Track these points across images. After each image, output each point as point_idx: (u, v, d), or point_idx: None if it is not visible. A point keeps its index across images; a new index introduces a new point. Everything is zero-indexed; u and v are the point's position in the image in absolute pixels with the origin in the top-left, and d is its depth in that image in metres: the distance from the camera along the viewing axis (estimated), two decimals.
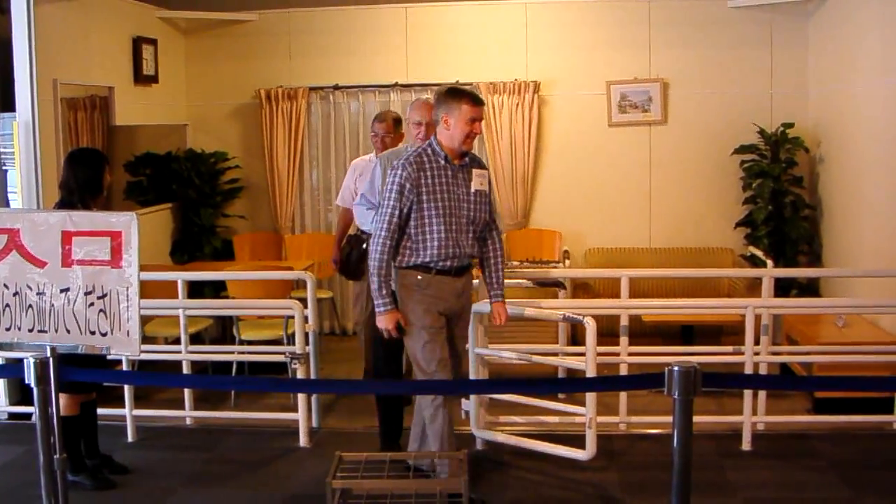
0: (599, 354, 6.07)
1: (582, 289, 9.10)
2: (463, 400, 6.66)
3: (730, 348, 6.91)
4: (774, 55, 9.63)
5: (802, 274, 8.94)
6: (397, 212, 5.37)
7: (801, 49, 9.57)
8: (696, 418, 6.43)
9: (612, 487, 5.84)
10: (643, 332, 8.11)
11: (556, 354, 7.00)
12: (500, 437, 6.26)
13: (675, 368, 3.69)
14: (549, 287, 7.86)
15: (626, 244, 9.63)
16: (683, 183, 9.68)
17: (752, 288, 8.55)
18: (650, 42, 9.71)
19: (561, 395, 6.64)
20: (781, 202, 9.20)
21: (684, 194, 9.68)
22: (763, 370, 6.59)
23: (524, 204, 9.81)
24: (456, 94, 5.45)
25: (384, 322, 5.42)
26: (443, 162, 5.43)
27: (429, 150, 5.45)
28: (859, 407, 6.73)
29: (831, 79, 9.01)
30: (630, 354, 6.70)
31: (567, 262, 9.24)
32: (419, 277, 5.48)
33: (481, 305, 6.22)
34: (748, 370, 6.37)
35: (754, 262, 8.83)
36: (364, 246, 6.53)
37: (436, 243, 5.41)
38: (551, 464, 5.98)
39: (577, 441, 6.09)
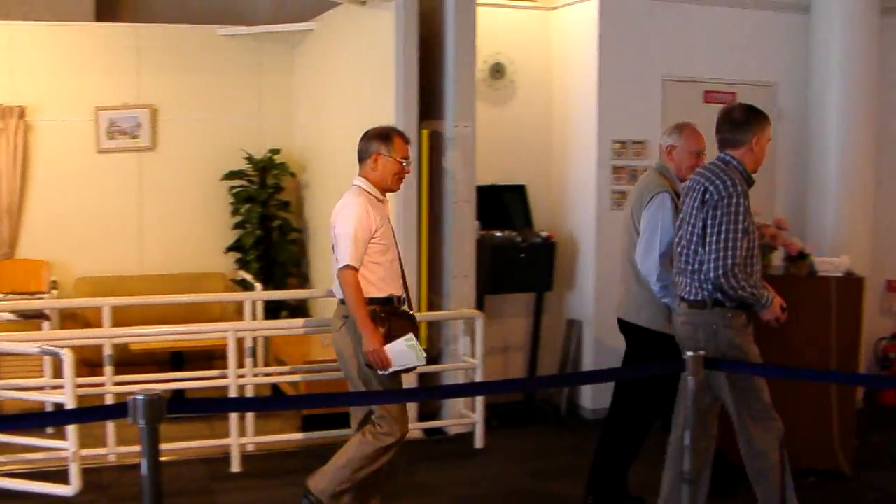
0: (84, 386, 5.93)
1: (71, 319, 8.79)
2: None
3: (217, 372, 6.97)
4: (263, 83, 9.86)
5: (288, 296, 9.19)
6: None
7: (288, 77, 9.89)
8: (186, 444, 6.54)
9: None
10: (135, 361, 7.96)
11: (42, 388, 6.73)
12: None
13: (139, 397, 3.66)
14: (33, 319, 7.56)
15: (118, 272, 9.37)
16: (175, 209, 9.63)
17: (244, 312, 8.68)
18: (139, 68, 9.57)
19: (50, 430, 6.46)
20: (270, 226, 9.45)
21: (176, 220, 9.62)
22: (250, 392, 6.73)
23: (10, 234, 9.24)
24: (761, 115, 5.13)
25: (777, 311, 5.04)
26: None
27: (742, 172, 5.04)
28: (348, 421, 7.01)
29: (313, 106, 9.42)
30: (117, 384, 6.57)
31: (55, 292, 8.88)
32: (744, 317, 5.07)
33: None
34: (233, 393, 6.48)
35: (245, 285, 8.96)
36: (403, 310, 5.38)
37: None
38: (37, 503, 5.75)
39: (64, 476, 5.92)
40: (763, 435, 5.08)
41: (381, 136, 5.29)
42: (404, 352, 5.12)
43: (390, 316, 5.19)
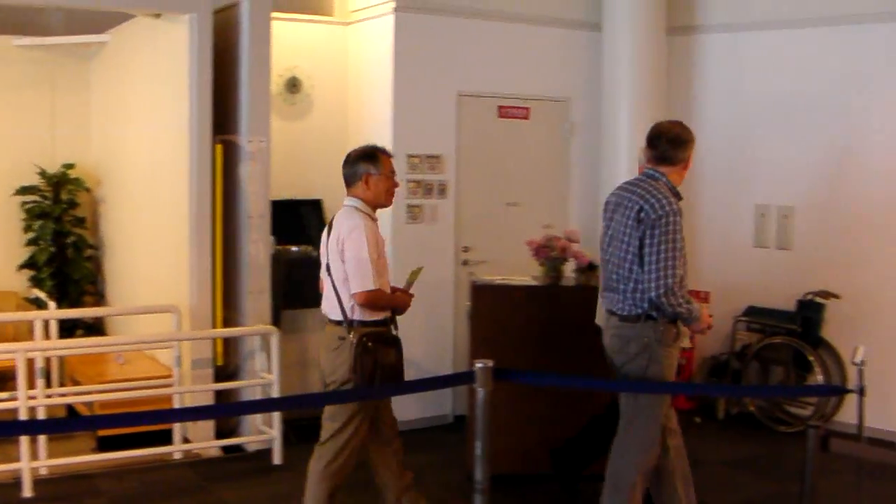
0: None
1: None
2: None
3: (6, 395, 6.75)
4: (57, 95, 9.62)
5: (83, 314, 8.96)
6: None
7: (84, 90, 9.70)
8: None
9: None
10: None
11: None
12: None
13: None
14: None
15: None
16: None
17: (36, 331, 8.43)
18: None
19: None
20: (64, 243, 9.23)
21: None
22: (42, 414, 6.56)
23: None
24: (692, 133, 5.27)
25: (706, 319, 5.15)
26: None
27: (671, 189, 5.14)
28: (144, 440, 6.91)
29: (110, 120, 9.25)
30: None
31: None
32: (675, 331, 5.13)
33: None
34: (23, 416, 6.30)
35: (39, 304, 8.72)
36: None
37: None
38: None
39: None
40: (640, 454, 5.20)
41: (366, 157, 5.26)
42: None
43: (376, 344, 5.11)
